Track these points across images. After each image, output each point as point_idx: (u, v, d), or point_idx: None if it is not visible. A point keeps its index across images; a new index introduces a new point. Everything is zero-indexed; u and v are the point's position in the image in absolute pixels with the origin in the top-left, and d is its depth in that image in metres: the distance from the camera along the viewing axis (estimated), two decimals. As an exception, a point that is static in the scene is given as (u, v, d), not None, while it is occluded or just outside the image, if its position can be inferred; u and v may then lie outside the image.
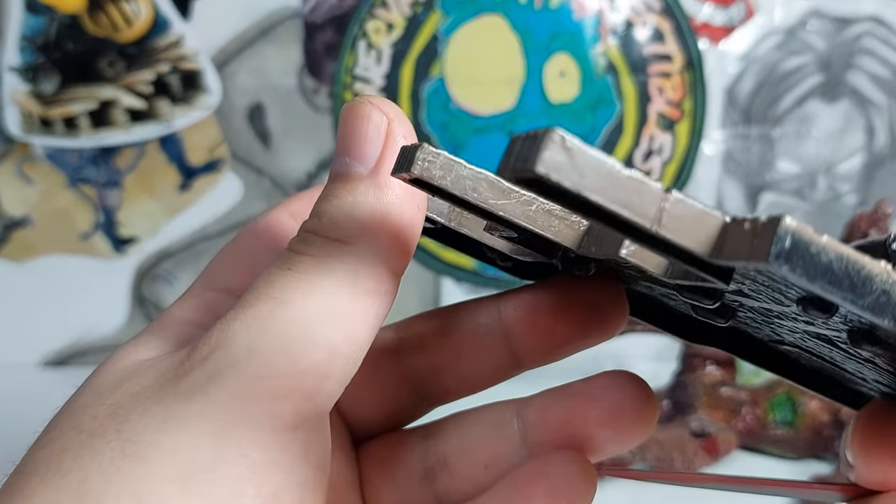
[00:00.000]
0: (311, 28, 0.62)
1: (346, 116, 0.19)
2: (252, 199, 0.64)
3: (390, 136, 0.19)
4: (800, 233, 0.14)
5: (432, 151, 0.17)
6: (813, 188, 0.67)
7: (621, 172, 0.14)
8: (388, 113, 0.19)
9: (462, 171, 0.17)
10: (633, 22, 0.63)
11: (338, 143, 0.20)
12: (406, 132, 0.19)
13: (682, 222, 0.15)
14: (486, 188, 0.17)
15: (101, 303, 0.65)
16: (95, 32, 0.62)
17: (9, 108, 0.62)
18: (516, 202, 0.18)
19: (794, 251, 0.14)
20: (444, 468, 0.23)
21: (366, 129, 0.19)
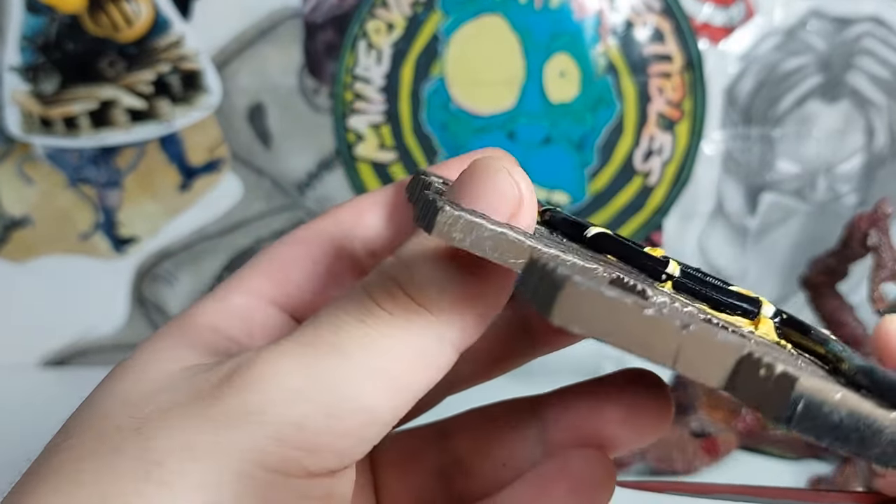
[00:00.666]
0: (311, 28, 0.62)
1: (477, 176, 0.19)
2: (252, 199, 0.64)
3: (516, 217, 0.18)
4: (813, 394, 0.14)
5: (452, 215, 0.16)
6: (813, 188, 0.67)
7: (640, 314, 0.14)
8: (522, 190, 0.19)
9: (483, 231, 0.17)
10: (633, 22, 0.63)
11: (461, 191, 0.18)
12: (531, 220, 0.19)
13: (699, 361, 0.15)
14: (507, 248, 0.17)
15: (101, 303, 0.65)
16: (96, 32, 0.62)
17: (9, 108, 0.62)
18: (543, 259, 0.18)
19: (807, 414, 0.14)
20: (459, 467, 0.23)
21: (494, 200, 0.18)
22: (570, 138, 0.64)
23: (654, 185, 0.65)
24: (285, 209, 0.65)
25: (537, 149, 0.64)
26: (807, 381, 0.14)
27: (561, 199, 0.65)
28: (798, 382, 0.14)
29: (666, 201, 0.66)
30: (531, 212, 0.19)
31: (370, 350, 0.17)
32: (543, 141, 0.64)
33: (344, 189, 0.64)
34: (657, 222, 0.66)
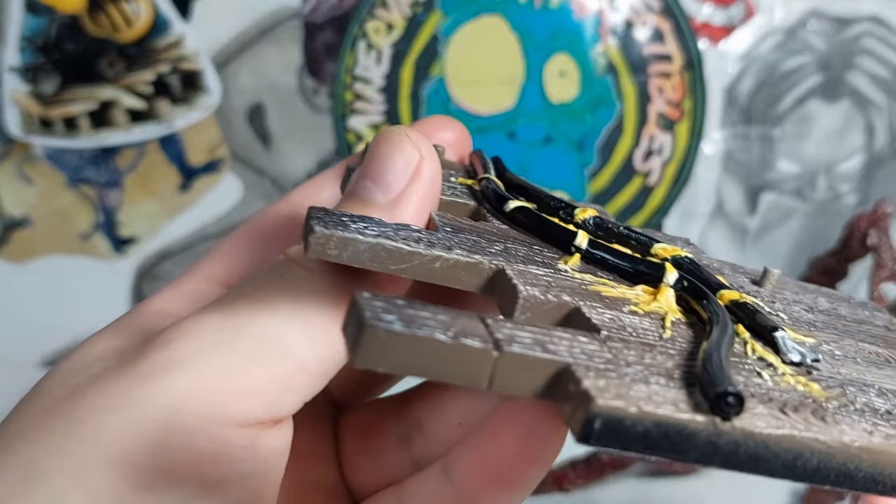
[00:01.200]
0: (311, 28, 0.62)
1: (380, 142, 0.19)
2: (252, 199, 0.64)
3: (418, 174, 0.19)
4: (609, 412, 0.14)
5: (323, 234, 0.17)
6: (813, 188, 0.67)
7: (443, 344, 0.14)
8: (421, 150, 0.19)
9: (358, 245, 0.17)
10: (632, 22, 0.63)
11: (363, 166, 0.19)
12: (433, 175, 0.19)
13: (513, 377, 0.15)
14: (386, 256, 0.17)
15: (102, 303, 0.64)
16: (95, 33, 0.62)
17: (9, 109, 0.62)
18: (418, 263, 0.18)
19: (607, 431, 0.14)
20: (419, 430, 0.23)
21: (396, 159, 0.19)
22: (570, 138, 0.64)
23: (655, 184, 0.65)
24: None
25: (537, 149, 0.64)
26: (604, 398, 0.14)
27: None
28: (593, 403, 0.14)
29: (666, 201, 0.66)
30: (431, 169, 0.19)
31: (291, 301, 0.18)
32: (543, 141, 0.64)
33: (344, 189, 0.64)
34: (657, 222, 0.66)
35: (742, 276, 0.24)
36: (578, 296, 0.18)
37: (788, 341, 0.19)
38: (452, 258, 0.18)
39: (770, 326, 0.19)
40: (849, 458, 0.15)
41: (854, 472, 0.15)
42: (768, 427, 0.15)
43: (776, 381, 0.17)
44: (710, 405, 0.14)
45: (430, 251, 0.18)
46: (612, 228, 0.22)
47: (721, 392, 0.14)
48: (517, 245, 0.20)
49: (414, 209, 0.19)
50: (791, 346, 0.19)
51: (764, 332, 0.19)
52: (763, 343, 0.19)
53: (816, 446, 0.15)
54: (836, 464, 0.15)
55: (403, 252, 0.17)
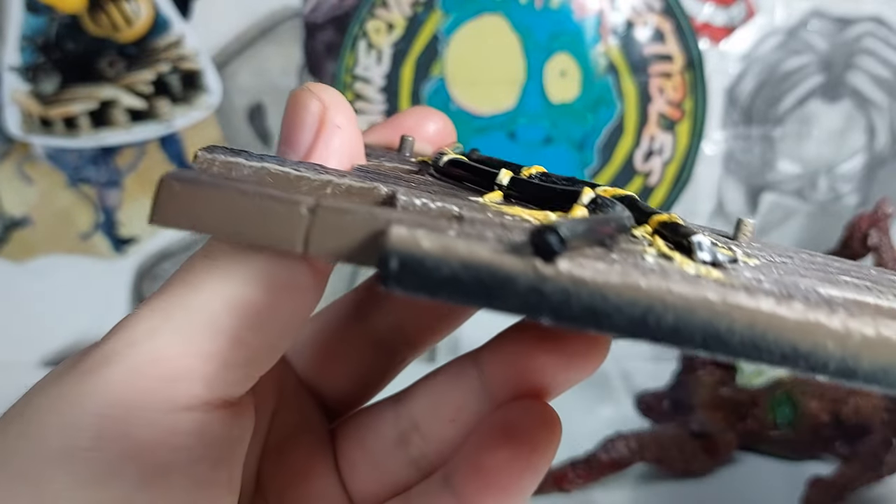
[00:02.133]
0: (311, 28, 0.62)
1: (288, 104, 0.19)
2: None
3: (324, 124, 0.19)
4: (407, 248, 0.12)
5: (206, 158, 0.16)
6: (814, 188, 0.67)
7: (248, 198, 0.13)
8: (324, 100, 0.19)
9: (242, 169, 0.16)
10: (633, 22, 0.63)
11: (281, 130, 0.19)
12: (343, 120, 0.19)
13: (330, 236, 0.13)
14: (272, 181, 0.16)
15: (102, 303, 0.64)
16: (95, 32, 0.62)
17: (9, 108, 0.62)
18: (307, 189, 0.16)
19: (405, 270, 0.12)
20: (415, 431, 0.23)
21: (302, 117, 0.19)
22: (570, 138, 0.64)
23: (655, 185, 0.65)
24: None
25: (538, 149, 0.64)
26: (400, 231, 0.12)
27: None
28: (389, 234, 0.12)
29: (667, 201, 0.66)
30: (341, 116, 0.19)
31: (219, 279, 0.17)
32: (544, 141, 0.64)
33: (344, 189, 0.64)
34: None
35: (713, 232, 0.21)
36: (468, 210, 0.16)
37: (706, 244, 0.16)
38: (344, 183, 0.16)
39: (688, 234, 0.16)
40: (714, 315, 0.12)
41: (726, 335, 0.12)
42: (603, 274, 0.12)
43: (661, 264, 0.14)
44: (529, 245, 0.12)
45: (319, 176, 0.16)
46: (554, 178, 0.20)
47: (540, 228, 0.12)
48: (435, 188, 0.18)
49: (328, 160, 0.18)
50: (707, 247, 0.16)
51: (681, 242, 0.16)
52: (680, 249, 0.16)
53: (670, 299, 0.12)
54: (700, 322, 0.12)
55: (290, 177, 0.16)
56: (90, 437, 0.17)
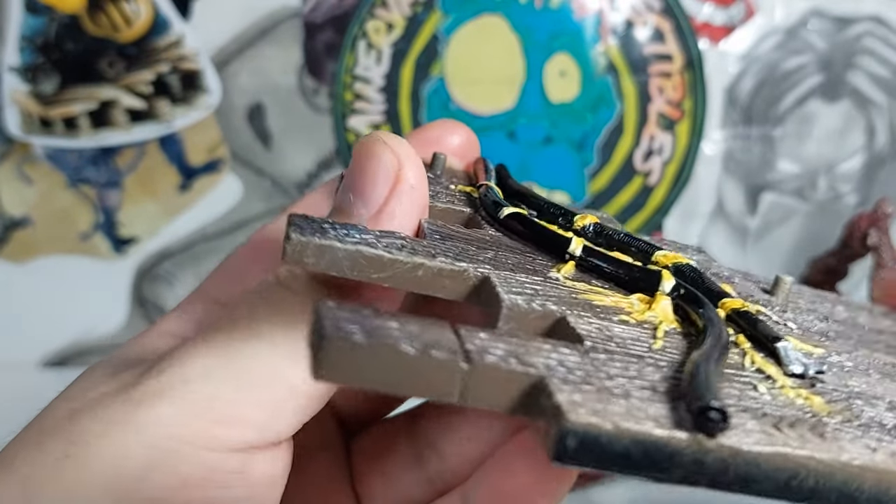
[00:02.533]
0: (310, 28, 0.62)
1: (359, 151, 0.19)
2: (252, 199, 0.64)
3: (399, 181, 0.19)
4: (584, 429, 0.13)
5: (300, 241, 0.16)
6: (813, 188, 0.67)
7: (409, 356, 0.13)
8: (399, 155, 0.19)
9: (336, 252, 0.16)
10: (633, 22, 0.63)
11: (346, 176, 0.19)
12: (416, 179, 0.19)
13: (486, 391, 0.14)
14: (366, 264, 0.17)
15: (102, 303, 0.65)
16: (95, 32, 0.62)
17: (8, 109, 0.62)
18: (401, 271, 0.17)
19: (581, 448, 0.13)
20: (431, 449, 0.23)
21: (375, 169, 0.19)
22: (570, 138, 0.64)
23: (655, 184, 0.65)
24: (285, 209, 0.65)
25: (537, 149, 0.64)
26: (577, 414, 0.13)
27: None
28: (565, 418, 0.13)
29: (666, 201, 0.66)
30: (413, 175, 0.19)
31: (278, 326, 0.18)
32: (544, 141, 0.64)
33: (344, 189, 0.64)
34: (657, 222, 0.66)
35: (753, 284, 0.23)
36: (566, 305, 0.17)
37: (791, 351, 0.18)
38: (436, 266, 0.17)
39: (772, 336, 0.18)
40: (849, 477, 0.14)
41: (856, 493, 0.14)
42: (758, 444, 0.14)
43: (774, 394, 0.16)
44: (692, 421, 0.14)
45: (411, 258, 0.17)
46: (612, 235, 0.21)
47: (703, 406, 0.13)
48: (508, 253, 0.19)
49: (399, 219, 0.19)
50: (794, 356, 0.17)
51: (766, 343, 0.18)
52: (765, 354, 0.18)
53: (812, 465, 0.14)
54: (836, 484, 0.14)
55: (384, 260, 0.17)
56: (139, 467, 0.17)
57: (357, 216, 0.19)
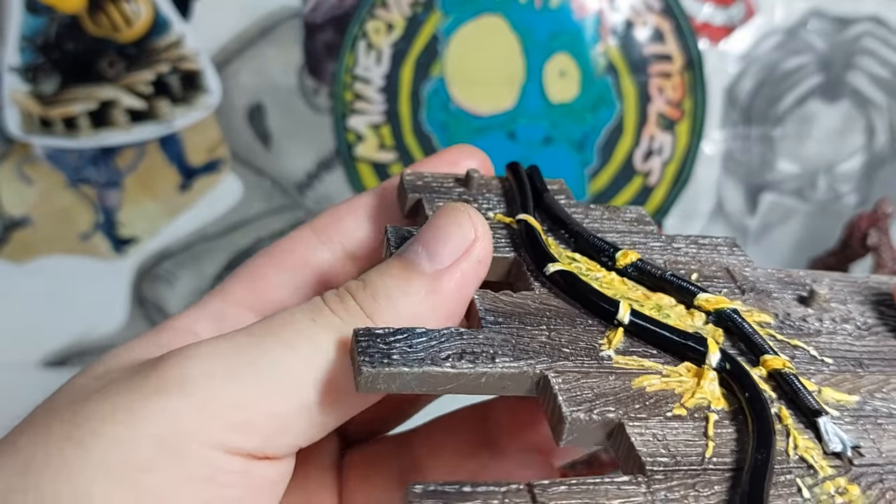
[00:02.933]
0: (311, 28, 0.62)
1: (442, 215, 0.20)
2: (252, 199, 0.64)
3: (469, 253, 0.19)
4: None
5: (371, 373, 0.17)
6: (813, 188, 0.67)
7: None
8: (477, 230, 0.20)
9: (405, 376, 0.17)
10: (633, 22, 0.63)
11: (423, 231, 0.20)
12: (485, 255, 0.20)
13: None
14: (433, 381, 0.18)
15: (102, 303, 0.65)
16: (95, 32, 0.62)
17: (9, 109, 0.62)
18: (465, 381, 0.18)
19: None
20: (417, 472, 0.23)
21: (452, 234, 0.19)
22: (570, 138, 0.64)
23: (655, 184, 0.65)
24: (285, 209, 0.65)
25: (537, 149, 0.64)
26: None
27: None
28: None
29: (666, 201, 0.66)
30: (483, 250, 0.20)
31: (315, 346, 0.18)
32: (543, 141, 0.64)
33: (344, 189, 0.64)
34: (657, 222, 0.66)
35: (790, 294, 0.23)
36: (622, 403, 0.18)
37: (830, 427, 0.19)
38: (497, 371, 0.18)
39: (812, 411, 0.19)
40: None
41: None
42: None
43: (815, 494, 0.17)
44: None
45: (474, 369, 0.18)
46: (653, 273, 0.22)
47: None
48: (560, 324, 0.20)
49: (456, 285, 0.19)
50: (832, 433, 0.19)
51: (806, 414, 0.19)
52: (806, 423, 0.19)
53: None
54: None
55: (450, 375, 0.18)
56: (144, 458, 0.17)
57: (419, 269, 0.19)
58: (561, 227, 0.23)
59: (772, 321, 0.22)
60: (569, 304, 0.21)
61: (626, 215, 0.25)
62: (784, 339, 0.21)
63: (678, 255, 0.24)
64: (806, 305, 0.23)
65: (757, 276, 0.24)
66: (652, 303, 0.21)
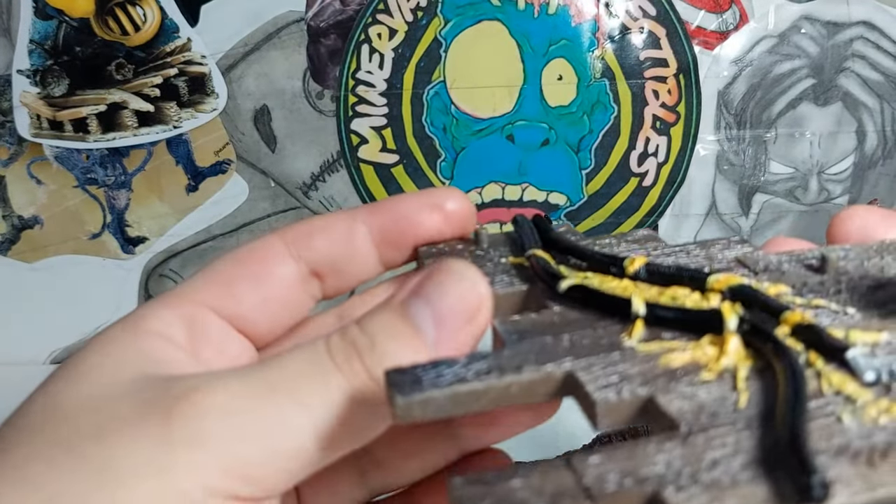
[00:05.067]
0: (314, 33, 0.63)
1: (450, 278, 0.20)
2: (257, 200, 0.65)
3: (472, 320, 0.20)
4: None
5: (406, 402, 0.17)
6: (805, 190, 0.67)
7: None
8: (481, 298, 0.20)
9: (437, 399, 0.18)
10: (628, 27, 0.63)
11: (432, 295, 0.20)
12: (486, 320, 0.20)
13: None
14: (465, 399, 0.18)
15: (110, 302, 0.65)
16: (104, 37, 0.62)
17: (19, 111, 0.62)
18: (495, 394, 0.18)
19: None
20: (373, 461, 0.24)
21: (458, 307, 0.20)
22: (567, 141, 0.64)
23: (650, 186, 0.65)
24: (290, 210, 0.65)
25: (536, 151, 0.64)
26: None
27: (558, 200, 0.65)
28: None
29: (661, 202, 0.66)
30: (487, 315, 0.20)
31: (323, 405, 0.18)
32: (541, 144, 0.64)
33: (347, 190, 0.64)
34: (652, 223, 0.66)
35: (802, 266, 0.23)
36: (650, 381, 0.19)
37: (861, 359, 0.18)
38: (525, 379, 0.18)
39: (840, 347, 0.19)
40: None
41: None
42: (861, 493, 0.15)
43: (858, 420, 0.17)
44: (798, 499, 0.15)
45: (501, 380, 0.18)
46: (664, 272, 0.22)
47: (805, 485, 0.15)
48: (580, 329, 0.20)
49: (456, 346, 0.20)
50: (865, 364, 0.18)
51: (835, 353, 0.19)
52: (837, 364, 0.19)
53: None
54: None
55: (480, 390, 0.18)
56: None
57: (421, 335, 0.19)
58: (570, 254, 0.24)
59: (789, 290, 0.22)
60: (587, 314, 0.21)
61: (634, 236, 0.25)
62: (804, 303, 0.21)
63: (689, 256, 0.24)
64: (821, 273, 0.23)
65: (769, 260, 0.24)
66: (667, 296, 0.21)
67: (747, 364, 0.19)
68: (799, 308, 0.21)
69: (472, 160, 0.64)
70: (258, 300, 0.22)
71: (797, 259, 0.23)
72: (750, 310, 0.20)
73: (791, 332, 0.20)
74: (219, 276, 0.22)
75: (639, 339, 0.20)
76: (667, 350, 0.19)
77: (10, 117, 0.63)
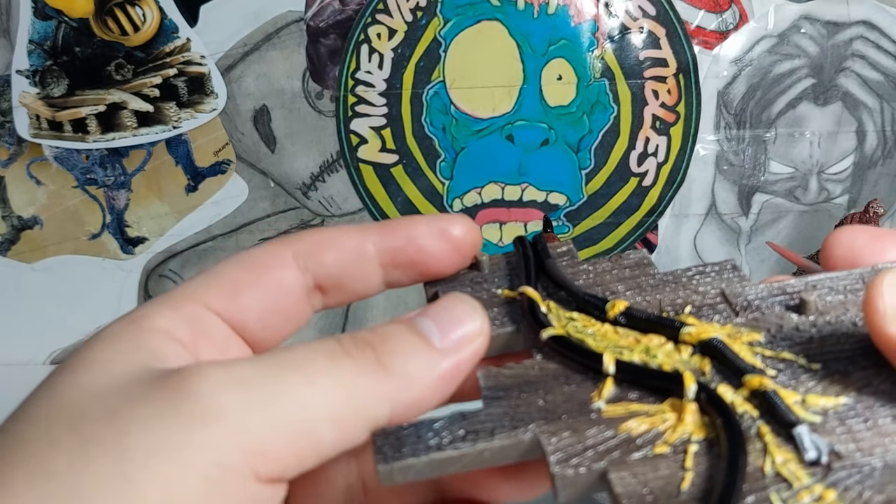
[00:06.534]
0: (314, 33, 0.63)
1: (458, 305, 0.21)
2: (257, 200, 0.65)
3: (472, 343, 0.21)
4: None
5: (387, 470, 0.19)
6: (805, 189, 0.67)
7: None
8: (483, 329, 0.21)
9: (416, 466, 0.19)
10: (628, 27, 0.63)
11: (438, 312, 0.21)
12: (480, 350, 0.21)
13: None
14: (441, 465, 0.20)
15: (110, 302, 0.65)
16: (103, 37, 0.62)
17: (18, 111, 0.62)
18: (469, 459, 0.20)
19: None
20: (363, 488, 0.24)
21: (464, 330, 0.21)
22: (567, 141, 0.64)
23: (650, 186, 0.65)
24: (289, 210, 0.65)
25: (535, 151, 0.64)
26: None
27: (558, 200, 0.65)
28: None
29: (661, 202, 0.66)
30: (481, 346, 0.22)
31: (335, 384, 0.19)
32: (541, 143, 0.64)
33: (347, 190, 0.64)
34: (652, 222, 0.67)
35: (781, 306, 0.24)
36: (609, 451, 0.20)
37: (805, 438, 0.19)
38: (496, 445, 0.20)
39: (788, 422, 0.19)
40: None
41: None
42: None
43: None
44: None
45: (474, 447, 0.20)
46: (640, 318, 0.23)
47: None
48: (556, 386, 0.22)
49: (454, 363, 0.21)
50: (808, 443, 0.19)
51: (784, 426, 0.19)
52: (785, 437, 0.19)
53: None
54: None
55: (454, 457, 0.20)
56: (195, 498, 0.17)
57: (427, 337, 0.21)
58: (562, 289, 0.25)
59: (762, 338, 0.22)
60: (565, 365, 0.22)
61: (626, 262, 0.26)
62: (773, 355, 0.22)
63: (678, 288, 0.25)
64: (799, 314, 0.23)
65: (752, 294, 0.24)
66: (641, 346, 0.22)
67: (701, 435, 0.20)
68: (768, 361, 0.21)
69: (471, 160, 0.64)
70: (262, 308, 0.23)
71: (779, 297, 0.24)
72: (718, 365, 0.21)
73: (750, 394, 0.20)
74: (223, 279, 0.22)
75: (606, 400, 0.21)
76: (630, 414, 0.20)
77: (9, 118, 0.63)
